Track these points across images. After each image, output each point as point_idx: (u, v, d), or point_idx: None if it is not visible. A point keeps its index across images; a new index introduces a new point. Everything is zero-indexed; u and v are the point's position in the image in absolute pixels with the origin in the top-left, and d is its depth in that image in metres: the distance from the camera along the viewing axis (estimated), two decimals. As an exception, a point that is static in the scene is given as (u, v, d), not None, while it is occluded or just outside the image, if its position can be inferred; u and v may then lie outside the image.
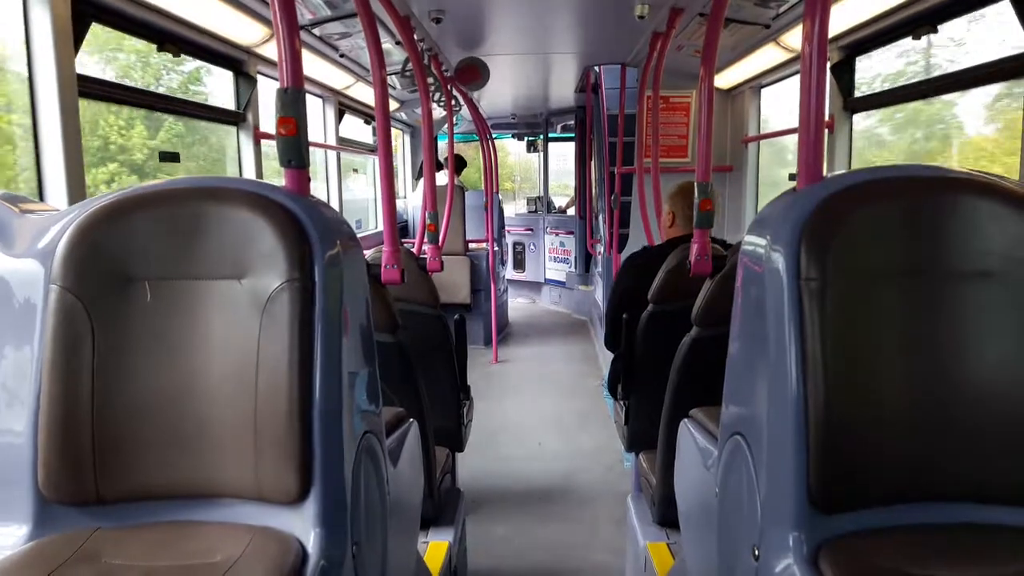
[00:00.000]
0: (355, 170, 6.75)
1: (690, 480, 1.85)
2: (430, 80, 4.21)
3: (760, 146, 4.96)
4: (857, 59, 3.27)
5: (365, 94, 5.20)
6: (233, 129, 3.53)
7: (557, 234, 9.17)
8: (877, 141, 3.56)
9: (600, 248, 6.72)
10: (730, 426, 1.48)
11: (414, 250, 3.89)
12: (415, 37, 3.43)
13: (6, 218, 1.40)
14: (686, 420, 1.89)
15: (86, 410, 1.27)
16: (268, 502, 1.28)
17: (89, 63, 2.51)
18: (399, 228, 2.24)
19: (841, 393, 1.21)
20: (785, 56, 3.85)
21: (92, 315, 1.28)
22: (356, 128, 5.95)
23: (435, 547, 2.50)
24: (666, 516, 2.41)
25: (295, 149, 1.43)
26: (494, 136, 7.98)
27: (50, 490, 1.28)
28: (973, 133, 3.07)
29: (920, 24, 2.73)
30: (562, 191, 10.97)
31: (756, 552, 1.28)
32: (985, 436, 1.24)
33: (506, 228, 8.75)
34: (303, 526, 1.26)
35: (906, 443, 1.24)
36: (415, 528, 2.02)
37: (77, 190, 2.14)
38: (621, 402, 2.93)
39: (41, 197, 2.13)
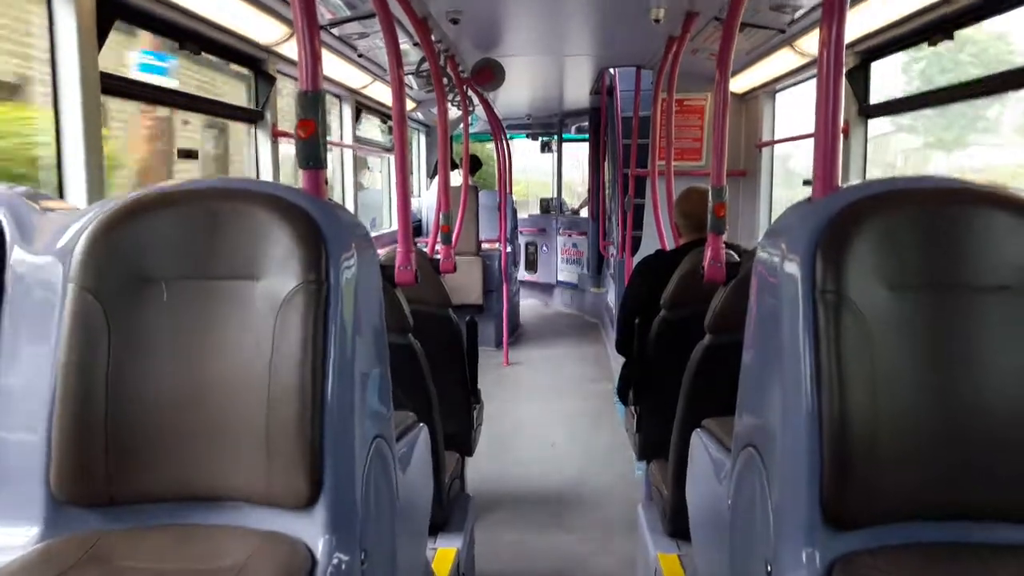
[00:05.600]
0: (367, 168, 6.77)
1: (702, 491, 1.84)
2: (446, 80, 4.22)
3: (774, 150, 4.94)
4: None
5: (382, 93, 5.22)
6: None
7: (570, 235, 9.15)
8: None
9: (613, 250, 6.71)
10: (743, 438, 1.47)
11: (427, 250, 3.90)
12: (432, 38, 3.44)
13: (27, 215, 1.41)
14: (699, 430, 1.87)
15: (99, 411, 1.27)
16: (278, 506, 1.28)
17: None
18: (412, 227, 2.24)
19: (856, 408, 1.20)
20: (800, 61, 3.83)
21: (109, 315, 1.29)
22: (367, 127, 5.97)
23: (443, 553, 2.48)
24: (678, 527, 2.38)
25: (313, 151, 1.44)
26: (509, 137, 7.98)
27: (61, 491, 1.28)
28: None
29: (936, 31, 2.71)
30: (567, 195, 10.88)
31: (768, 567, 1.27)
32: (1004, 453, 1.23)
33: (519, 229, 8.74)
34: (312, 531, 1.26)
35: (922, 459, 1.22)
36: (424, 534, 2.01)
37: (97, 188, 2.16)
38: (632, 409, 2.91)
39: (61, 195, 2.15)
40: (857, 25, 2.98)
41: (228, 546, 1.22)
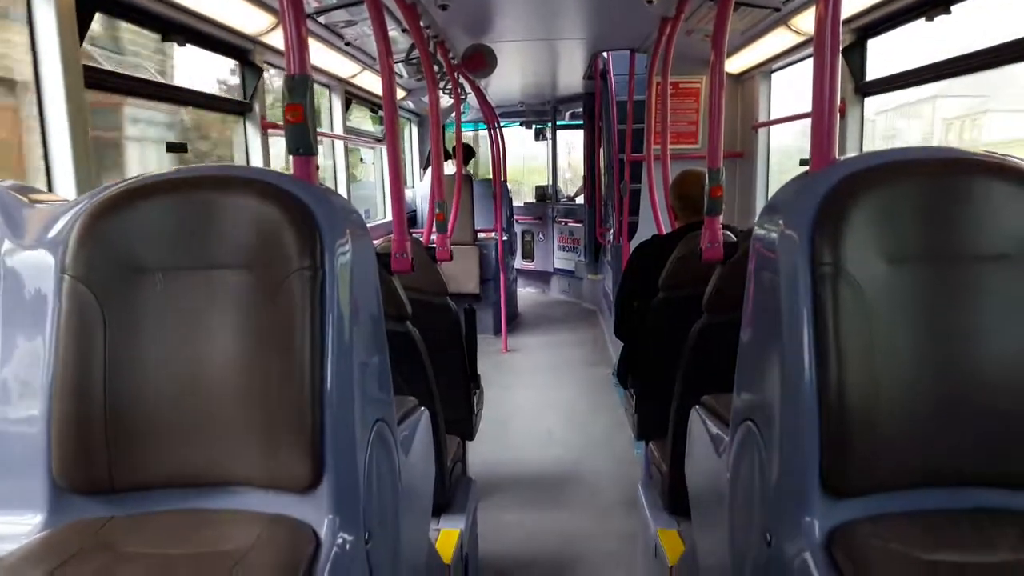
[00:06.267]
0: (361, 160, 6.74)
1: (701, 467, 1.85)
2: (436, 68, 4.19)
3: (770, 131, 4.92)
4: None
5: (371, 82, 5.18)
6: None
7: (566, 223, 9.14)
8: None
9: (610, 236, 6.70)
10: (742, 412, 1.47)
11: (423, 239, 3.88)
12: (421, 24, 3.41)
13: (16, 208, 1.40)
14: (697, 407, 1.88)
15: (98, 399, 1.27)
16: (281, 490, 1.28)
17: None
18: (407, 217, 2.23)
19: (855, 378, 1.20)
20: (796, 40, 3.81)
21: (103, 304, 1.28)
22: (358, 119, 5.94)
23: (446, 534, 2.51)
24: (677, 503, 2.41)
25: (303, 136, 1.42)
26: (502, 124, 7.95)
27: (64, 479, 1.28)
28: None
29: (933, 5, 2.69)
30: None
31: (768, 537, 1.28)
32: (1001, 421, 1.23)
33: (515, 217, 8.72)
34: (316, 514, 1.27)
35: (921, 428, 1.23)
36: (427, 515, 2.03)
37: (85, 180, 2.14)
38: (631, 390, 2.92)
39: (50, 188, 2.13)
40: (853, 1, 2.95)
41: (232, 530, 1.22)
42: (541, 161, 10.80)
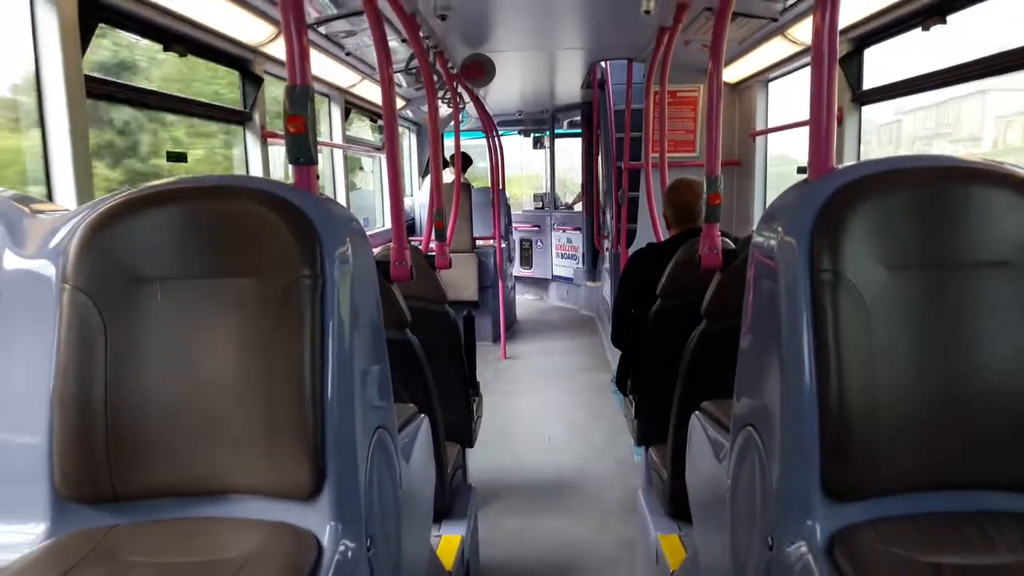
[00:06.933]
0: (360, 168, 6.76)
1: (702, 472, 1.85)
2: (435, 77, 4.21)
3: (768, 139, 4.94)
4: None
5: (371, 92, 5.20)
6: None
7: (564, 230, 9.15)
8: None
9: (608, 244, 6.71)
10: (742, 418, 1.48)
11: (421, 247, 3.89)
12: (421, 34, 3.43)
13: (18, 218, 1.40)
14: (697, 413, 1.89)
15: (100, 408, 1.28)
16: (282, 497, 1.28)
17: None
18: (406, 226, 2.24)
19: (855, 383, 1.21)
20: (793, 49, 3.83)
21: (104, 314, 1.29)
22: (358, 129, 5.96)
23: (448, 540, 2.51)
24: (678, 509, 2.42)
25: (303, 146, 1.43)
26: (501, 133, 7.97)
27: (66, 488, 1.28)
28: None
29: (929, 15, 2.71)
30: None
31: (770, 541, 1.28)
32: (1000, 424, 1.24)
33: (513, 224, 8.74)
34: (318, 521, 1.27)
35: (921, 432, 1.23)
36: (428, 522, 2.03)
37: (86, 190, 2.15)
38: (630, 397, 2.92)
39: (50, 198, 2.13)
40: (850, 11, 2.98)
41: (234, 538, 1.22)
42: (535, 171, 10.83)
